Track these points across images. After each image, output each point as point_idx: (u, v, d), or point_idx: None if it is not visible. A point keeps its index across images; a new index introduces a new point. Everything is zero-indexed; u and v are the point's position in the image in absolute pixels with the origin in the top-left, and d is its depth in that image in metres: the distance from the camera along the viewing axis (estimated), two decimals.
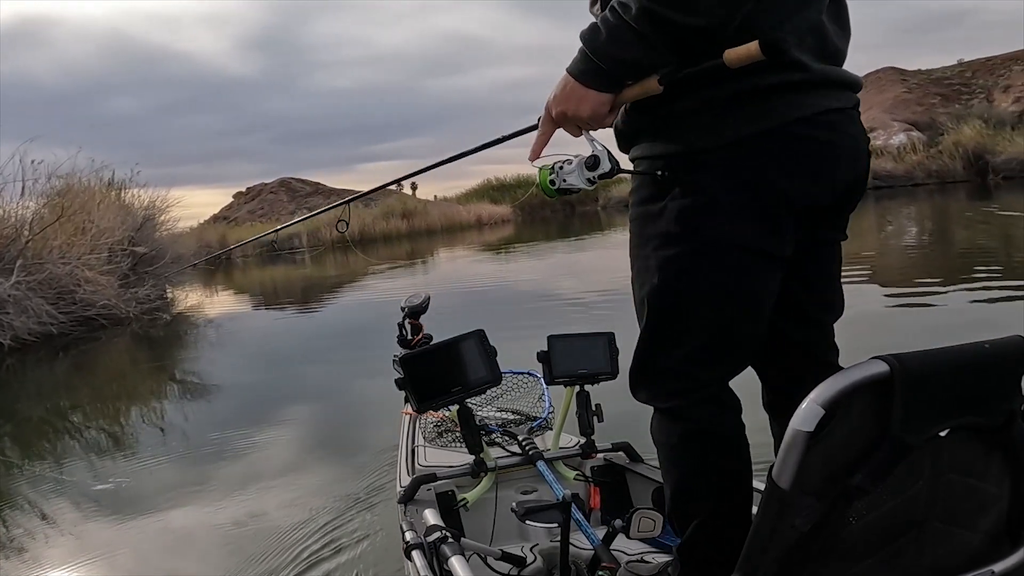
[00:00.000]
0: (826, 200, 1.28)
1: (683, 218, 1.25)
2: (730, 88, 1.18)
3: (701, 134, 1.22)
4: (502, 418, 2.47)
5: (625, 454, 2.16)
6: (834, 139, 1.24)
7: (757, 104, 1.19)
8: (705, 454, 1.33)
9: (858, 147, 1.29)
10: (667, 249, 1.27)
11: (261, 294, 15.62)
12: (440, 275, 14.58)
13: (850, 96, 1.29)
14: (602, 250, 16.04)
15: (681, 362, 1.31)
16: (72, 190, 11.83)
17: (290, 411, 5.07)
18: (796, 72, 1.19)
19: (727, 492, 1.34)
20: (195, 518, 3.23)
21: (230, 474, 3.76)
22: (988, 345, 1.07)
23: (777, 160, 1.20)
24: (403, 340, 2.23)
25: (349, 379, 5.89)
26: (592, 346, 2.12)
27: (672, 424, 1.34)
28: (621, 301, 7.55)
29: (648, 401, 1.38)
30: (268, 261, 26.60)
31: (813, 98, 1.21)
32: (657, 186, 1.29)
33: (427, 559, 1.63)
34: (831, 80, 1.24)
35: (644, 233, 1.32)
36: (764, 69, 1.15)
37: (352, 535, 2.78)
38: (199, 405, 5.62)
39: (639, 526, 1.59)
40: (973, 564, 1.14)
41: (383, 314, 9.26)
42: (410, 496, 1.97)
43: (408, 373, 1.90)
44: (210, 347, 8.84)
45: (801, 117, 1.20)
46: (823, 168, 1.24)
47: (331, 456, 3.94)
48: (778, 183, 1.21)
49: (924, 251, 10.43)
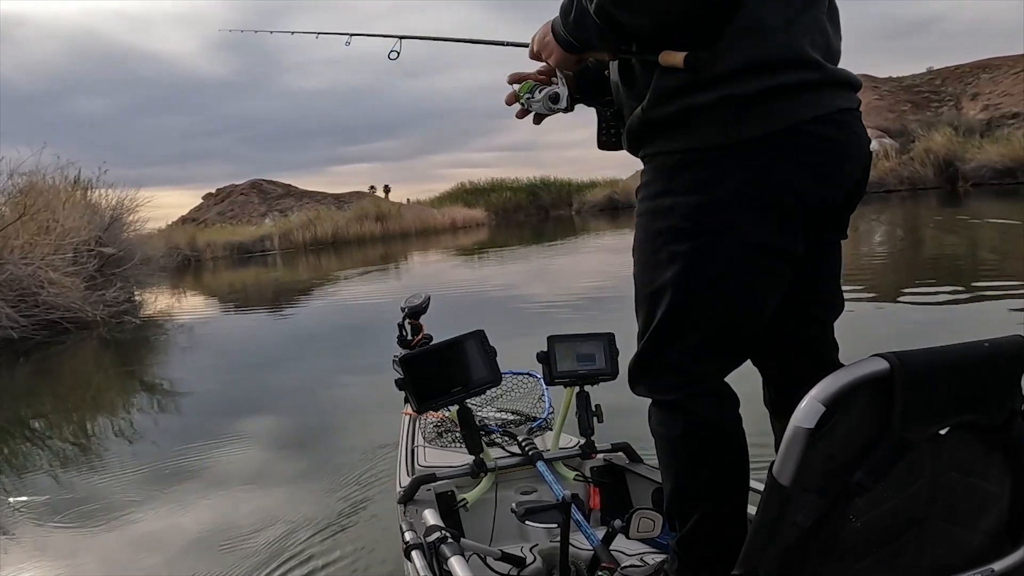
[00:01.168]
0: (836, 199, 1.30)
1: (696, 214, 1.26)
2: (750, 86, 1.19)
3: (718, 130, 1.23)
4: (502, 418, 2.49)
5: (625, 455, 2.18)
6: (845, 138, 1.27)
7: (775, 102, 1.21)
8: (705, 447, 1.34)
9: (862, 147, 1.32)
10: (677, 244, 1.28)
11: (232, 296, 15.38)
12: (417, 279, 14.51)
13: (855, 96, 1.32)
14: (580, 255, 16.06)
15: (684, 356, 1.33)
16: (36, 188, 11.56)
17: (269, 416, 5.02)
18: (814, 71, 1.22)
19: (727, 486, 1.36)
20: (185, 521, 3.19)
21: (211, 480, 3.71)
22: (988, 344, 1.10)
23: (792, 159, 1.22)
24: (403, 340, 2.24)
25: (328, 381, 5.84)
26: (592, 347, 2.13)
27: (673, 417, 1.36)
28: (602, 303, 7.66)
29: (647, 394, 1.39)
30: (239, 263, 26.23)
31: (827, 98, 1.24)
32: (668, 181, 1.30)
33: (427, 559, 1.64)
34: (840, 80, 1.28)
35: (652, 228, 1.33)
36: (783, 68, 1.19)
37: (351, 535, 2.78)
38: (169, 412, 5.51)
39: (639, 526, 1.60)
40: (973, 563, 1.15)
41: (356, 318, 9.26)
42: (410, 496, 1.98)
43: (408, 373, 1.91)
44: (181, 351, 8.70)
45: (816, 116, 1.22)
46: (835, 167, 1.26)
47: (309, 458, 3.92)
48: (793, 182, 1.23)
49: (897, 256, 10.61)
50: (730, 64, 1.19)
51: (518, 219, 39.71)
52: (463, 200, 42.04)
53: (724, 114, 1.22)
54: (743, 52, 1.19)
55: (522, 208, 42.48)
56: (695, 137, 1.25)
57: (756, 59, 1.19)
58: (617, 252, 13.83)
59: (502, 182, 45.54)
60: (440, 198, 44.72)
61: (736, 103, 1.21)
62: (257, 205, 41.63)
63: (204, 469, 3.88)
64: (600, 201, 38.92)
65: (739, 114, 1.21)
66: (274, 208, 40.69)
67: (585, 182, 43.95)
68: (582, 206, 39.78)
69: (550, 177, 45.59)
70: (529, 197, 43.57)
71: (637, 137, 1.37)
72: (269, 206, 41.23)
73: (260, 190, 43.23)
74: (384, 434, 3.89)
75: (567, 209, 41.63)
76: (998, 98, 30.97)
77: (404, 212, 35.66)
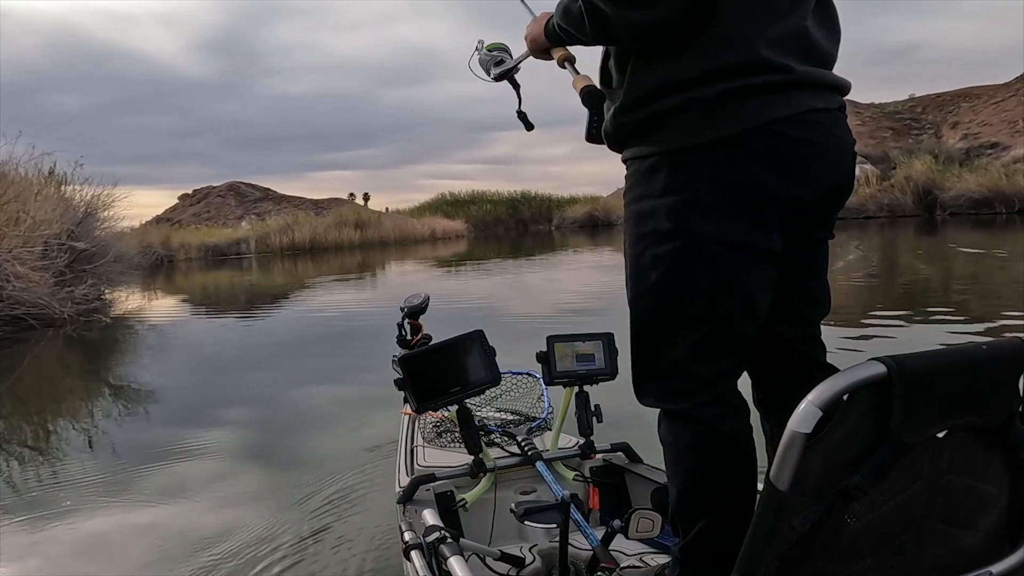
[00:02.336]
0: (810, 197, 1.33)
1: (672, 215, 1.30)
2: (714, 88, 1.24)
3: (686, 132, 1.28)
4: (501, 418, 2.50)
5: (624, 455, 2.21)
6: (817, 138, 1.30)
7: (740, 104, 1.25)
8: (713, 456, 1.36)
9: (843, 147, 1.35)
10: (659, 246, 1.33)
11: (205, 299, 15.18)
12: (398, 289, 14.43)
13: (835, 98, 1.35)
14: (561, 270, 16.12)
15: (680, 360, 1.35)
16: (6, 178, 11.33)
17: (248, 418, 4.96)
18: (780, 74, 1.26)
19: (734, 495, 1.37)
20: (175, 524, 3.12)
21: (181, 487, 3.61)
22: (986, 347, 1.11)
23: (760, 158, 1.26)
24: (402, 340, 2.25)
25: (305, 387, 5.77)
26: (591, 347, 2.16)
27: (682, 426, 1.37)
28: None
29: (656, 404, 1.42)
30: (213, 265, 25.97)
31: (796, 98, 1.27)
32: (646, 185, 1.35)
33: (426, 559, 1.65)
34: (816, 81, 1.30)
35: (636, 232, 1.38)
36: (748, 71, 1.24)
37: (351, 536, 2.78)
38: (137, 415, 5.34)
39: (638, 526, 1.63)
40: (972, 564, 1.17)
41: (330, 326, 9.16)
42: (409, 496, 1.99)
43: (407, 373, 1.92)
44: (151, 353, 8.48)
45: (783, 116, 1.26)
46: (806, 166, 1.30)
47: (300, 460, 3.86)
48: (764, 180, 1.27)
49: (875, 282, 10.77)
50: (695, 70, 1.25)
51: (497, 232, 39.85)
52: (443, 211, 42.17)
53: (691, 117, 1.27)
54: (707, 58, 1.24)
55: (501, 221, 42.71)
56: (667, 140, 1.31)
57: (720, 64, 1.24)
58: (602, 269, 13.94)
59: (483, 194, 45.81)
60: (420, 208, 44.84)
61: (702, 104, 1.26)
62: (234, 208, 41.33)
63: (173, 477, 3.77)
64: (580, 217, 39.28)
65: (706, 116, 1.26)
66: (251, 211, 40.43)
67: (566, 198, 44.46)
68: (562, 222, 40.10)
69: (531, 191, 46.04)
70: (509, 210, 43.83)
71: (613, 139, 1.43)
72: (246, 209, 40.95)
73: (238, 192, 42.93)
74: (370, 435, 3.92)
75: (546, 224, 41.92)
76: (977, 127, 31.78)
77: (384, 220, 35.64)
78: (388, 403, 3.31)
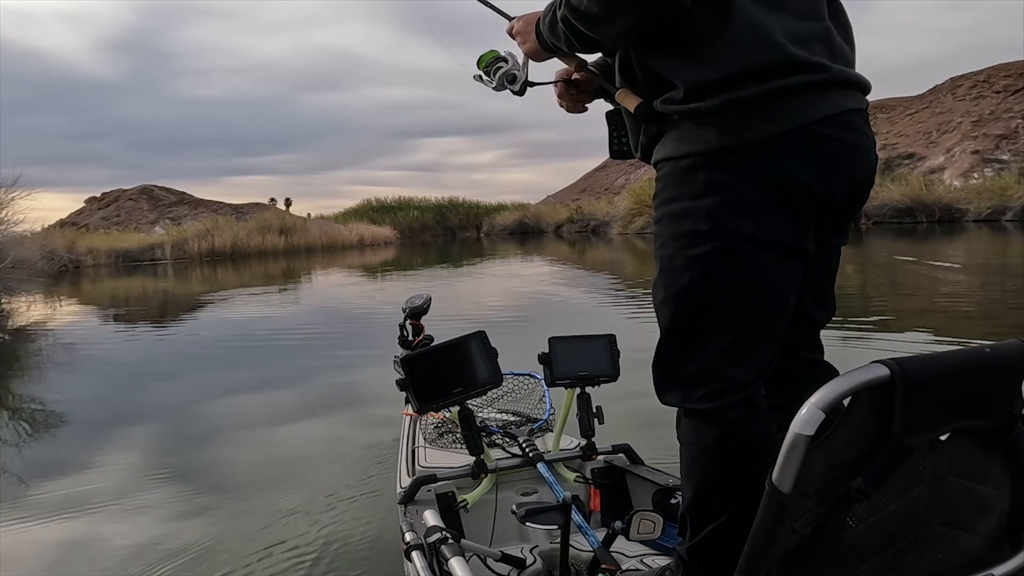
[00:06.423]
0: (843, 197, 1.36)
1: (712, 216, 1.31)
2: (755, 89, 1.26)
3: (727, 132, 1.29)
4: (503, 419, 2.52)
5: (625, 456, 2.23)
6: (852, 138, 1.33)
7: (783, 105, 1.27)
8: (735, 459, 1.36)
9: (870, 147, 1.39)
10: (696, 247, 1.33)
11: (114, 308, 14.29)
12: (329, 300, 14.11)
13: (862, 97, 1.38)
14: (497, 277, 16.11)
15: (714, 361, 1.35)
16: None
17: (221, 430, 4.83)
18: (818, 73, 1.28)
19: (749, 500, 1.35)
20: (176, 527, 3.09)
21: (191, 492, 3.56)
22: (988, 350, 1.14)
23: (802, 158, 1.29)
24: (404, 341, 2.26)
25: (258, 394, 5.64)
26: (593, 348, 2.18)
27: (706, 426, 1.37)
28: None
29: (680, 403, 1.40)
30: (123, 271, 24.93)
31: (833, 99, 1.31)
32: (684, 186, 1.35)
33: (427, 560, 1.67)
34: (849, 81, 1.34)
35: (670, 232, 1.37)
36: (786, 71, 1.26)
37: (351, 536, 2.79)
38: (37, 438, 4.90)
39: (639, 528, 1.65)
40: (973, 567, 1.18)
41: (252, 334, 8.77)
42: (410, 497, 2.01)
43: (409, 374, 1.93)
44: (57, 368, 7.83)
45: (824, 117, 1.29)
46: (842, 166, 1.33)
47: (299, 463, 3.86)
48: (802, 180, 1.29)
49: None
50: (729, 71, 1.26)
51: (424, 239, 39.56)
52: (368, 217, 41.81)
53: (731, 117, 1.28)
54: (741, 59, 1.26)
55: (429, 228, 42.56)
56: (705, 141, 1.31)
57: (755, 65, 1.25)
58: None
59: (409, 201, 45.59)
60: (345, 214, 44.37)
61: (740, 106, 1.27)
62: (147, 212, 39.83)
63: (135, 487, 3.65)
64: (510, 224, 39.45)
65: (745, 116, 1.28)
66: (166, 216, 39.06)
67: (494, 205, 44.53)
68: (491, 229, 40.16)
69: (458, 198, 45.96)
70: (437, 217, 43.76)
71: (647, 150, 1.44)
72: (160, 213, 39.54)
73: (151, 196, 41.36)
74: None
75: (475, 231, 41.90)
76: (895, 138, 33.08)
77: (309, 226, 34.95)
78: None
